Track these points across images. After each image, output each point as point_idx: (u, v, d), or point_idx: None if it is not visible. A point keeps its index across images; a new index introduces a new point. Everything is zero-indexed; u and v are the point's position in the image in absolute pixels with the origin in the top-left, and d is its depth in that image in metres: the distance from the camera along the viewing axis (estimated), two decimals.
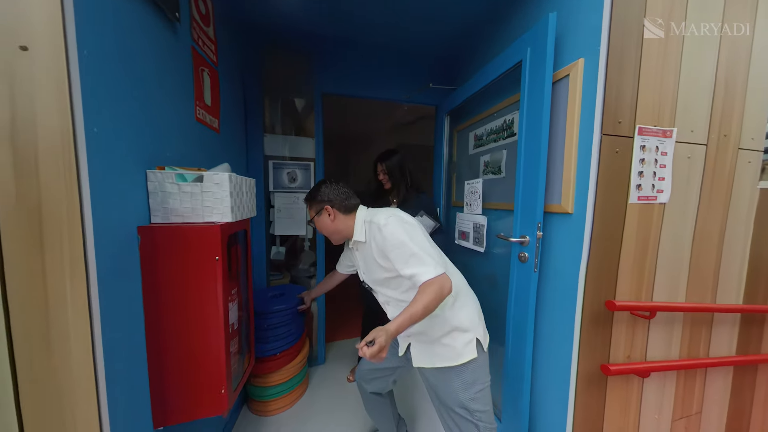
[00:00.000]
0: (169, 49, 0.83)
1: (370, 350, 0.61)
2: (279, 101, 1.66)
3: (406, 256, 0.75)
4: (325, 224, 0.91)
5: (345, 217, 0.90)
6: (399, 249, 0.76)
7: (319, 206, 0.90)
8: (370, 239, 0.84)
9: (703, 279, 1.06)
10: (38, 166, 0.50)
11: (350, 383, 1.62)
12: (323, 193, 0.90)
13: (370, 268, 0.89)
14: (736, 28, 0.97)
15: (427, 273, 0.71)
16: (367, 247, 0.87)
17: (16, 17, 0.48)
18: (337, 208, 0.89)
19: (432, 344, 0.86)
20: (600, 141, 0.86)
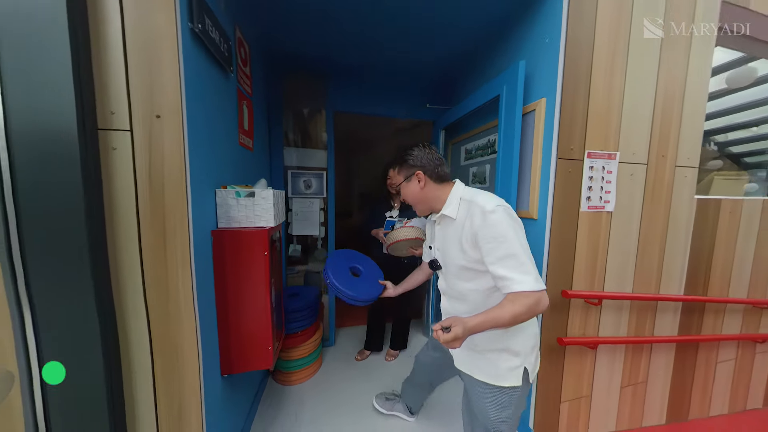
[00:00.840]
0: (225, 93, 1.09)
1: (444, 335, 0.59)
2: (297, 118, 1.92)
3: (503, 255, 0.67)
4: (413, 191, 0.82)
5: (436, 187, 0.81)
6: (498, 243, 0.67)
7: (410, 171, 0.81)
8: (465, 219, 0.75)
9: (648, 274, 1.31)
10: (164, 191, 0.76)
11: (358, 362, 1.89)
12: (416, 157, 0.81)
13: (449, 248, 0.80)
14: (672, 66, 1.21)
15: (526, 283, 0.64)
16: (456, 226, 0.77)
17: (155, 96, 0.74)
18: (429, 175, 0.81)
19: (476, 354, 0.82)
20: (556, 163, 1.10)
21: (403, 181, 0.83)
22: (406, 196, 0.85)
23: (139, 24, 0.71)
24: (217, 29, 0.93)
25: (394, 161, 0.86)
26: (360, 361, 1.88)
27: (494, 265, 0.68)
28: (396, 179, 0.85)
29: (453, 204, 0.79)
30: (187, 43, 0.78)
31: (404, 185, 0.83)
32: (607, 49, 1.11)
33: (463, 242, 0.75)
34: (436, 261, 0.88)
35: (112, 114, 0.71)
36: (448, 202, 0.80)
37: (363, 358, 1.90)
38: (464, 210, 0.76)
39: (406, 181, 0.83)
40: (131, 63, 0.71)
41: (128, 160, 0.73)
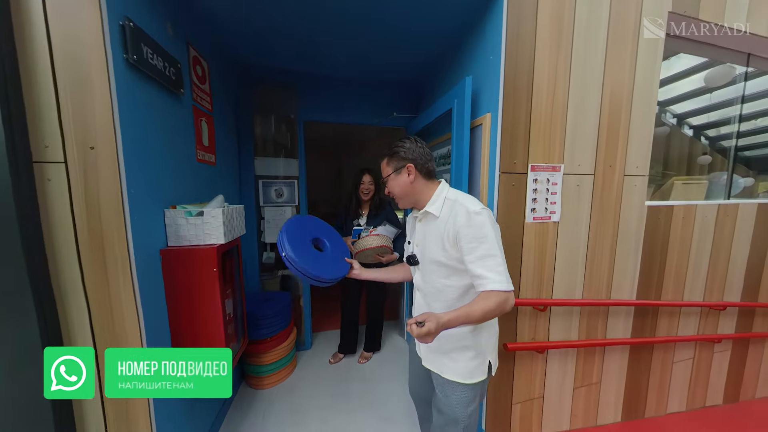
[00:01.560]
0: (177, 114, 1.12)
1: (417, 330, 0.60)
2: (267, 128, 1.95)
3: (483, 254, 0.70)
4: (402, 184, 0.82)
5: (424, 182, 0.83)
6: (479, 243, 0.70)
7: (401, 163, 0.82)
8: (448, 218, 0.77)
9: (598, 280, 1.35)
10: (101, 214, 0.80)
11: (331, 365, 1.95)
12: (409, 150, 0.82)
13: (430, 244, 0.82)
14: (618, 77, 1.23)
15: (500, 283, 0.68)
16: (438, 224, 0.79)
17: (88, 128, 0.77)
18: (419, 169, 0.82)
19: (442, 354, 0.85)
20: (498, 178, 1.14)
21: (392, 173, 0.83)
22: (392, 188, 0.85)
23: (68, 57, 0.74)
24: (160, 55, 0.96)
25: (385, 153, 0.86)
26: (333, 364, 1.94)
27: (473, 264, 0.71)
28: (385, 171, 0.86)
29: (438, 202, 0.80)
30: (120, 74, 0.81)
31: (393, 177, 0.84)
32: (548, 62, 1.14)
33: (444, 240, 0.76)
34: (414, 256, 0.89)
35: (46, 147, 0.75)
36: (432, 200, 0.82)
37: (336, 361, 1.96)
38: (448, 209, 0.78)
39: (395, 173, 0.83)
40: (62, 97, 0.74)
41: (64, 190, 0.77)
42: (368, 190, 1.78)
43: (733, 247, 1.56)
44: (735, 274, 1.59)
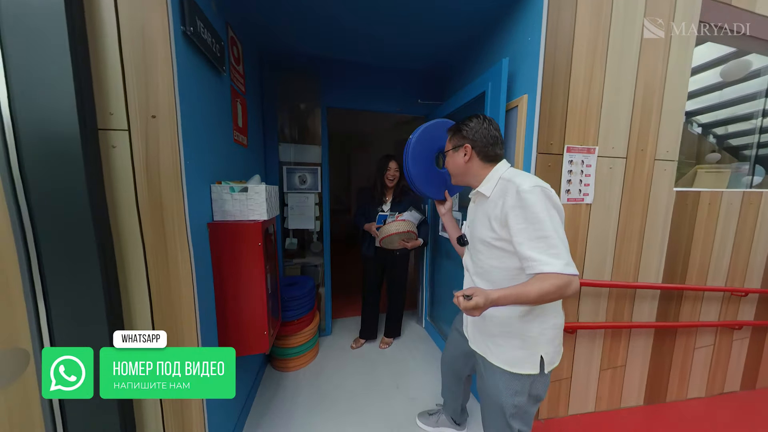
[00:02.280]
0: (219, 92, 1.14)
1: (465, 302, 0.59)
2: (291, 114, 1.96)
3: (533, 236, 0.65)
4: (457, 162, 0.82)
5: (480, 164, 0.80)
6: (528, 224, 0.66)
7: (460, 141, 0.80)
8: (498, 197, 0.74)
9: (627, 263, 1.36)
10: (161, 183, 0.82)
11: (353, 350, 1.97)
12: (471, 129, 0.79)
13: (478, 224, 0.80)
14: (652, 63, 1.24)
15: (554, 265, 0.62)
16: (488, 204, 0.76)
17: (150, 98, 0.79)
18: (477, 151, 0.79)
19: (487, 338, 0.82)
20: (536, 158, 1.15)
21: (451, 149, 0.83)
22: (447, 164, 0.85)
23: (133, 28, 0.75)
24: (209, 31, 0.98)
25: (451, 128, 0.86)
26: (355, 349, 1.97)
27: (522, 246, 0.66)
28: (446, 146, 0.86)
29: (490, 182, 0.78)
30: (180, 46, 0.82)
31: (450, 153, 0.84)
32: (586, 46, 1.15)
33: (492, 220, 0.73)
34: (464, 236, 0.87)
35: (111, 115, 0.76)
36: (486, 180, 0.79)
37: (358, 346, 1.99)
38: (500, 189, 0.75)
39: (453, 150, 0.82)
40: (127, 66, 0.76)
41: (127, 157, 0.78)
42: (393, 176, 1.79)
43: (755, 234, 1.58)
44: (756, 261, 1.61)
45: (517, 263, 0.72)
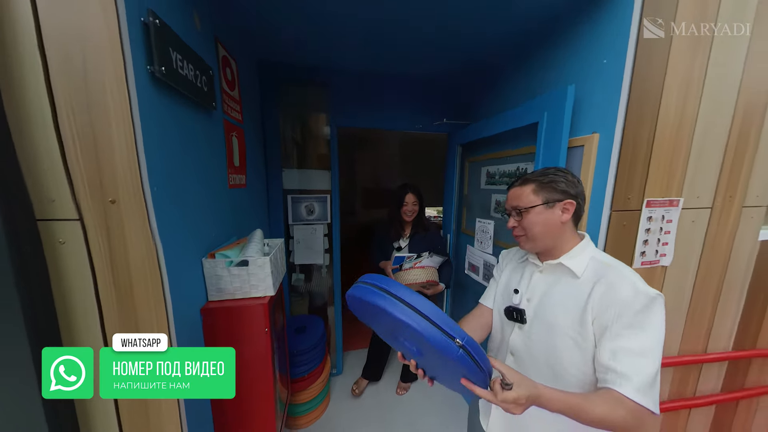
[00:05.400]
0: (208, 134, 0.89)
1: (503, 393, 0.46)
2: (296, 135, 1.70)
3: (636, 350, 0.53)
4: (548, 222, 0.65)
5: (572, 230, 0.67)
6: (636, 333, 0.54)
7: (558, 197, 0.64)
8: (594, 283, 0.60)
9: (698, 330, 1.15)
10: (133, 284, 0.60)
11: (363, 396, 1.80)
12: (571, 184, 0.65)
13: (556, 308, 0.65)
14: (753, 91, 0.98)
15: (642, 393, 0.50)
16: (577, 288, 0.62)
17: (104, 174, 0.55)
18: (576, 212, 0.65)
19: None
20: (609, 217, 0.92)
21: (542, 204, 0.65)
22: (530, 224, 0.66)
23: (69, 73, 0.51)
24: (191, 62, 0.73)
25: (531, 179, 0.68)
26: (367, 393, 1.80)
27: (613, 354, 0.54)
28: (528, 200, 0.66)
29: (580, 258, 0.65)
30: (146, 96, 0.58)
31: (539, 210, 0.65)
32: (682, 73, 0.89)
33: (587, 311, 0.59)
34: (522, 312, 0.69)
35: (53, 202, 0.54)
36: (573, 253, 0.65)
37: (360, 392, 1.78)
38: (594, 271, 0.62)
39: (545, 206, 0.64)
40: (65, 133, 0.52)
41: (82, 254, 0.57)
42: (412, 211, 1.56)
43: None
44: None
45: (593, 372, 0.59)
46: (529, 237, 0.68)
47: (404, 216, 1.56)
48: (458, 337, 0.45)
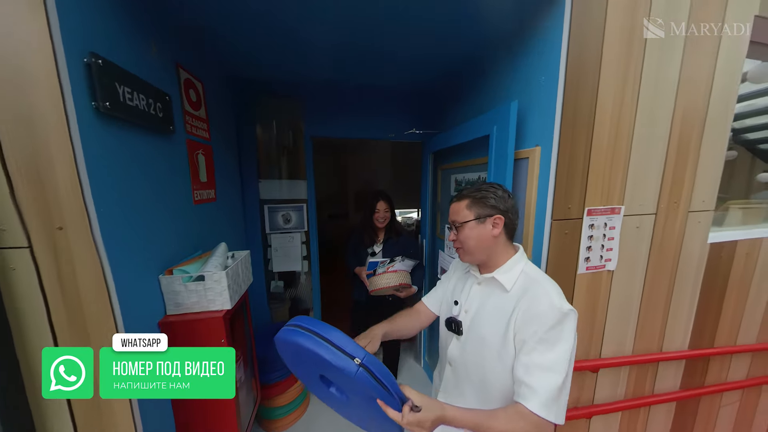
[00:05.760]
0: (168, 155, 0.95)
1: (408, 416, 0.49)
2: (271, 147, 1.76)
3: (545, 365, 0.56)
4: (481, 236, 0.67)
5: (505, 243, 0.69)
6: (547, 349, 0.57)
7: (489, 212, 0.67)
8: (521, 297, 0.64)
9: (651, 330, 1.19)
10: (83, 306, 0.65)
11: None
12: (501, 199, 0.68)
13: (488, 320, 0.68)
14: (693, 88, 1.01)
15: (545, 407, 0.53)
16: (506, 301, 0.66)
17: (50, 204, 0.60)
18: (507, 226, 0.68)
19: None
20: (550, 226, 0.96)
21: (473, 219, 0.68)
22: (465, 238, 0.69)
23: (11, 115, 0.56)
24: (142, 92, 0.78)
25: (465, 194, 0.72)
26: None
27: (525, 368, 0.57)
28: (462, 215, 0.69)
29: (511, 273, 0.68)
30: (87, 128, 0.63)
31: (471, 225, 0.68)
32: (615, 83, 0.93)
33: (510, 326, 0.62)
34: (459, 323, 0.73)
35: (3, 231, 0.59)
36: (505, 268, 0.68)
37: None
38: (521, 285, 0.66)
39: (476, 221, 0.68)
40: (11, 168, 0.57)
41: (33, 280, 0.61)
42: (384, 218, 1.61)
43: None
44: None
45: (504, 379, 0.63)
46: (465, 250, 0.71)
47: (376, 222, 1.61)
48: (357, 356, 0.49)
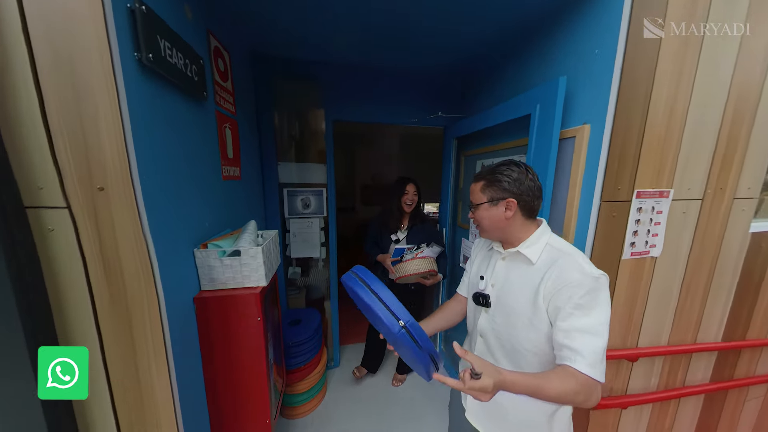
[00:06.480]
0: (200, 125, 0.89)
1: (470, 382, 0.49)
2: (292, 129, 1.70)
3: (585, 329, 0.57)
4: (494, 218, 0.69)
5: (523, 221, 0.69)
6: (585, 314, 0.58)
7: (501, 195, 0.67)
8: (548, 268, 0.64)
9: (687, 320, 1.16)
10: (123, 271, 0.61)
11: (362, 387, 1.83)
12: (515, 182, 0.67)
13: (515, 292, 0.69)
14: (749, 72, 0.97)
15: (592, 368, 0.55)
16: (532, 273, 0.67)
17: (92, 162, 0.56)
18: (522, 207, 0.68)
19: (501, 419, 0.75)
20: (599, 207, 0.92)
21: (486, 202, 0.70)
22: (480, 218, 0.72)
23: (56, 61, 0.52)
24: (181, 51, 0.73)
25: (482, 175, 0.72)
26: (364, 385, 1.82)
27: (566, 333, 0.59)
28: (477, 197, 0.71)
29: (536, 246, 0.69)
30: (133, 83, 0.59)
31: (485, 207, 0.70)
32: (673, 62, 0.89)
33: (539, 294, 0.64)
34: (487, 297, 0.75)
35: (40, 189, 0.54)
36: (530, 242, 0.70)
37: (361, 376, 1.85)
38: (549, 257, 0.67)
39: (489, 204, 0.69)
40: (52, 120, 0.53)
41: (72, 242, 0.57)
42: (412, 200, 1.57)
43: None
44: None
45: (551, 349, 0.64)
46: (481, 228, 0.74)
47: (404, 205, 1.57)
48: (402, 319, 0.55)
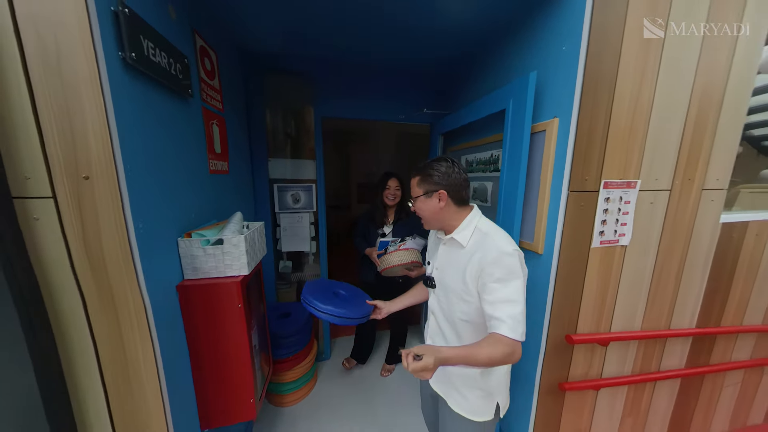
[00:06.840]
0: (185, 121, 0.94)
1: (413, 364, 0.56)
2: (281, 126, 1.74)
3: (504, 298, 0.67)
4: (431, 209, 0.78)
5: (455, 209, 0.78)
6: (502, 286, 0.68)
7: (433, 188, 0.76)
8: (475, 250, 0.74)
9: (660, 308, 1.20)
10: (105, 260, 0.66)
11: (349, 373, 1.88)
12: (444, 175, 0.76)
13: (450, 272, 0.80)
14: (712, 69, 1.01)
15: (513, 330, 0.65)
16: (463, 255, 0.76)
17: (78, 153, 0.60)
18: (452, 197, 0.77)
19: (449, 384, 0.86)
20: (567, 197, 0.97)
21: (422, 195, 0.79)
22: (420, 210, 0.82)
23: (46, 61, 0.56)
24: (164, 50, 0.77)
25: (417, 171, 0.81)
26: (353, 375, 1.87)
27: (491, 305, 0.69)
28: (415, 191, 0.82)
29: (466, 231, 0.78)
30: (117, 80, 0.63)
31: (422, 199, 0.80)
32: (636, 57, 0.93)
33: (466, 273, 0.74)
34: (432, 279, 0.87)
35: (27, 179, 0.59)
36: (461, 228, 0.79)
37: (350, 367, 1.91)
38: (476, 240, 0.76)
39: (425, 196, 0.79)
40: (42, 114, 0.57)
41: (56, 231, 0.62)
42: (394, 195, 1.61)
43: None
44: None
45: (483, 318, 0.74)
46: (424, 219, 0.84)
47: (386, 200, 1.61)
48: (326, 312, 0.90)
